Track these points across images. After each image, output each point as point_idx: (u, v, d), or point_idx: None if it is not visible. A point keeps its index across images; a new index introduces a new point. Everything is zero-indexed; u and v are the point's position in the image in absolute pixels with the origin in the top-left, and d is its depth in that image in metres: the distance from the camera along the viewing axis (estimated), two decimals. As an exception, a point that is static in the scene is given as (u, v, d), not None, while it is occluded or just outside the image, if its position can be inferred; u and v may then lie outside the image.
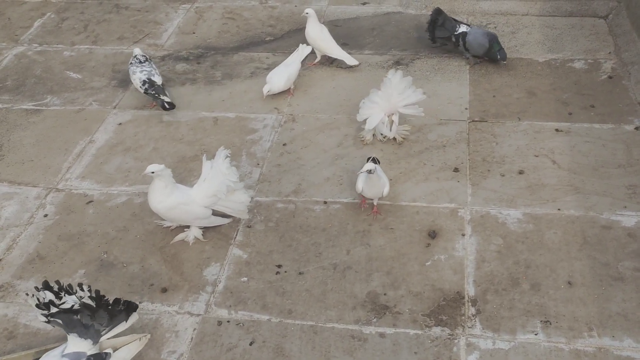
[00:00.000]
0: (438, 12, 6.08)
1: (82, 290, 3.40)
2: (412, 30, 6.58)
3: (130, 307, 3.54)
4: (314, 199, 4.70)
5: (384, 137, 5.14)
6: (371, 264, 4.21)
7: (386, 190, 4.42)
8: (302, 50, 5.75)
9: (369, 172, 4.29)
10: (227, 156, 4.30)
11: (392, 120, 5.06)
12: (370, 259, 4.24)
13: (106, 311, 3.43)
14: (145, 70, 5.59)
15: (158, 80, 5.60)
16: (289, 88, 5.68)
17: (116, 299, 3.50)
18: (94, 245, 4.43)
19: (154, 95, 5.52)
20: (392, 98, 4.99)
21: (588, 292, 3.95)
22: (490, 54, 5.85)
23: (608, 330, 3.74)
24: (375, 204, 4.52)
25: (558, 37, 6.31)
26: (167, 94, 5.62)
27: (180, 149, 5.23)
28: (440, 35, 6.09)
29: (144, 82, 5.52)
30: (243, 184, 4.39)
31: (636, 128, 5.16)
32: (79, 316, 3.38)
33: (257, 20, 6.91)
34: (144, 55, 5.74)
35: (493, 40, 5.82)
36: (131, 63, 5.67)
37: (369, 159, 4.56)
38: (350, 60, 5.97)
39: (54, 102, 5.84)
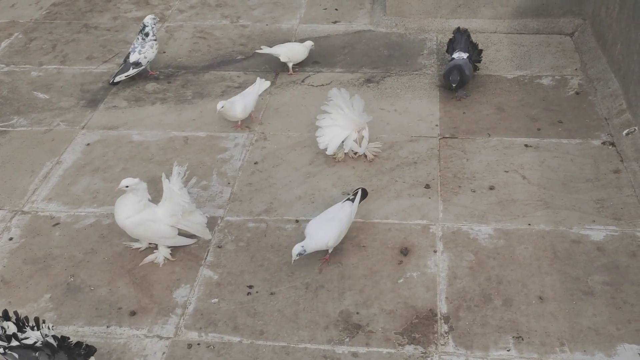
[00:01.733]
0: (456, 31, 6.04)
1: (48, 328, 3.33)
2: (383, 48, 6.62)
3: (89, 352, 3.48)
4: (285, 218, 4.66)
5: (355, 154, 5.14)
6: (343, 282, 4.18)
7: (331, 242, 4.17)
8: (260, 85, 5.63)
9: (299, 255, 4.08)
10: (179, 173, 4.25)
11: (362, 136, 5.06)
12: (343, 278, 4.21)
13: (67, 354, 3.35)
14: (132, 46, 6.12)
15: (133, 57, 6.03)
16: (249, 115, 5.57)
17: (78, 342, 3.43)
18: (61, 269, 4.34)
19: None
20: (350, 113, 4.99)
21: (559, 306, 3.96)
22: (448, 79, 5.66)
23: (579, 345, 3.74)
24: (329, 252, 4.30)
25: (526, 54, 6.39)
26: (131, 69, 6.02)
27: (151, 169, 5.16)
28: (449, 51, 6.03)
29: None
30: (195, 205, 4.35)
31: (603, 143, 5.23)
32: (36, 354, 3.30)
33: (228, 39, 6.90)
34: (147, 25, 6.10)
35: (454, 69, 5.60)
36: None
37: (356, 191, 4.46)
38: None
39: (20, 123, 5.75)
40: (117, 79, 6.00)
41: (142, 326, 3.95)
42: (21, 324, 3.36)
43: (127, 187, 4.11)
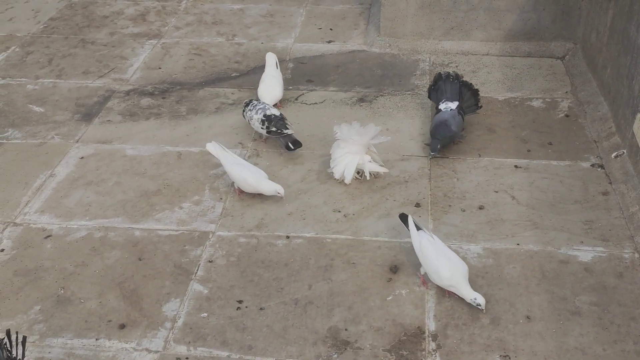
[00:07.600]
0: (438, 77, 5.70)
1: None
2: (376, 68, 6.70)
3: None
4: (276, 234, 4.69)
5: (361, 175, 5.15)
6: (333, 299, 4.20)
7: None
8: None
9: None
10: None
11: (373, 151, 5.14)
12: (332, 294, 4.23)
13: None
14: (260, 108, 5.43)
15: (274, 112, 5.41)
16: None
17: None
18: (51, 281, 4.35)
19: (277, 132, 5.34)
20: (360, 139, 5.03)
21: (546, 326, 3.99)
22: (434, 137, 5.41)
23: (566, 365, 3.77)
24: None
25: (517, 77, 6.48)
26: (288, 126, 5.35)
27: (143, 184, 5.19)
28: (432, 99, 5.76)
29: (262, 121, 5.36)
30: None
31: (592, 165, 5.29)
32: None
33: (224, 56, 6.97)
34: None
35: (439, 128, 5.31)
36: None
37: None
38: None
39: (15, 135, 5.78)
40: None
41: (131, 339, 3.96)
42: None
43: None
